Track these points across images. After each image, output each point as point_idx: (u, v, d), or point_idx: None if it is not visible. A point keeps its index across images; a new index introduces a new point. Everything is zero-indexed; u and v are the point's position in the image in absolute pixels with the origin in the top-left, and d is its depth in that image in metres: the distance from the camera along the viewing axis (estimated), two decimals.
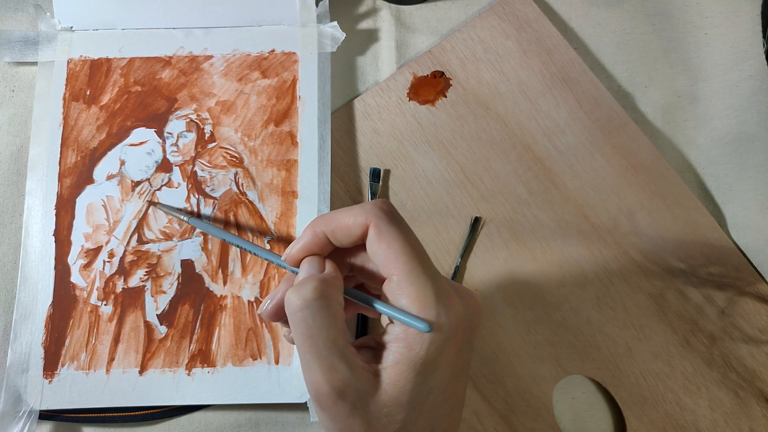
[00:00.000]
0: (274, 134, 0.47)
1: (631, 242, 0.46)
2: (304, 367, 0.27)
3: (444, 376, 0.28)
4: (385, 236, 0.28)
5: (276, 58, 0.49)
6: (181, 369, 0.43)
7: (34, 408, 0.42)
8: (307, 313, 0.27)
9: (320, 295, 0.28)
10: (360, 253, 0.31)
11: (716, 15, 0.50)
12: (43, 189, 0.46)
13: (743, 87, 0.49)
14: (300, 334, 0.27)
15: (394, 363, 0.27)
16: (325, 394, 0.27)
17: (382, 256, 0.28)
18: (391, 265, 0.28)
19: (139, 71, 0.48)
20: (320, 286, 0.28)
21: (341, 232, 0.29)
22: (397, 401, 0.27)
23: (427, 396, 0.28)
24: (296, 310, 0.27)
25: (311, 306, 0.27)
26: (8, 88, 0.49)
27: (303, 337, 0.27)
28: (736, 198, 0.48)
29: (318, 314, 0.27)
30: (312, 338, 0.27)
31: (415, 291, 0.27)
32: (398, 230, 0.28)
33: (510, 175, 0.47)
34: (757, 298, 0.45)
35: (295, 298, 0.28)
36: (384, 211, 0.29)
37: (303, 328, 0.27)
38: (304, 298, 0.27)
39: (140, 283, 0.45)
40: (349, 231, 0.29)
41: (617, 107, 0.48)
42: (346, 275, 0.32)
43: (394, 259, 0.28)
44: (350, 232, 0.29)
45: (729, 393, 0.44)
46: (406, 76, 0.49)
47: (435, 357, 0.27)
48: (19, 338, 0.43)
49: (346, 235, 0.29)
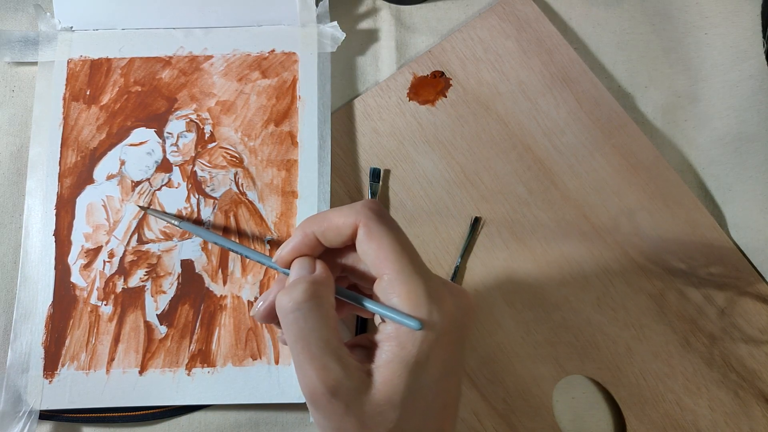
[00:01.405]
0: (274, 134, 0.47)
1: (631, 242, 0.46)
2: (298, 367, 0.27)
3: (436, 373, 0.28)
4: (375, 236, 0.28)
5: (276, 58, 0.49)
6: (181, 369, 0.43)
7: (35, 408, 0.42)
8: (298, 315, 0.27)
9: (311, 296, 0.28)
10: (351, 254, 0.31)
11: (716, 15, 0.50)
12: (43, 189, 0.46)
13: (743, 87, 0.49)
14: (292, 335, 0.27)
15: (386, 362, 0.27)
16: (319, 394, 0.27)
17: (372, 256, 0.28)
18: (381, 265, 0.28)
19: (139, 71, 0.48)
20: (311, 288, 0.28)
21: (331, 233, 0.29)
22: (390, 400, 0.27)
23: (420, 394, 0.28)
24: (287, 312, 0.27)
25: (302, 307, 0.27)
26: (8, 88, 0.49)
27: (295, 339, 0.27)
28: (736, 198, 0.48)
29: (309, 315, 0.27)
30: (304, 339, 0.27)
31: (406, 289, 0.27)
32: (388, 230, 0.28)
33: (510, 175, 0.47)
34: (757, 298, 0.45)
35: (286, 301, 0.28)
36: (373, 211, 0.29)
37: (295, 329, 0.27)
38: (294, 300, 0.27)
39: (140, 283, 0.45)
40: (339, 231, 0.29)
41: (617, 107, 0.48)
42: (338, 276, 0.32)
43: (384, 258, 0.28)
44: (340, 232, 0.29)
45: (729, 393, 0.44)
46: (406, 76, 0.49)
47: (427, 355, 0.27)
48: (19, 338, 0.43)
49: (336, 235, 0.29)
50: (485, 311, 0.45)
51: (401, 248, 0.28)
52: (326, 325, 0.28)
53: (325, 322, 0.28)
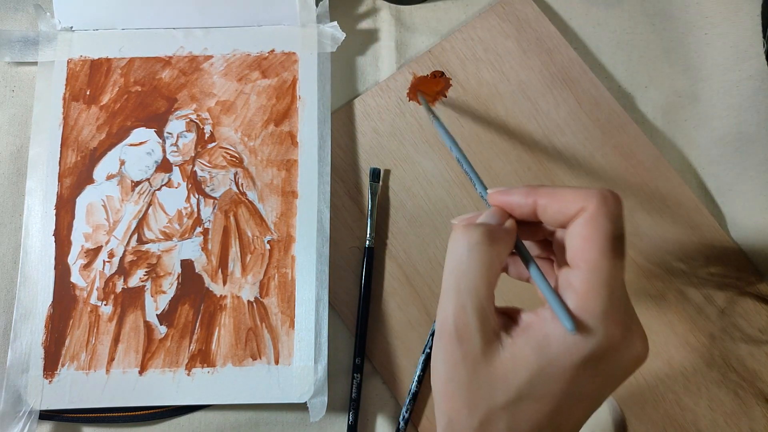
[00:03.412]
0: (274, 134, 0.47)
1: (631, 242, 0.46)
2: (442, 295, 0.28)
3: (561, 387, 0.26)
4: (597, 226, 0.26)
5: (276, 58, 0.49)
6: (181, 369, 0.43)
7: (34, 408, 0.42)
8: (464, 252, 0.27)
9: (485, 240, 0.27)
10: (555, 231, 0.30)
11: (716, 15, 0.50)
12: (43, 189, 0.46)
13: (743, 87, 0.49)
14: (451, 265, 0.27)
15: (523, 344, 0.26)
16: (447, 331, 0.27)
17: (579, 242, 0.26)
18: (582, 256, 0.26)
19: (139, 71, 0.48)
20: (490, 236, 0.27)
21: (555, 207, 0.28)
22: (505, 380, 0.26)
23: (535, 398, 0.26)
24: (459, 243, 0.27)
25: (473, 247, 0.27)
26: (8, 88, 0.49)
27: (451, 270, 0.27)
28: (736, 198, 0.48)
29: (475, 258, 0.27)
30: (460, 275, 0.27)
31: (587, 290, 0.26)
32: (613, 230, 0.26)
33: (510, 176, 0.47)
34: (758, 298, 0.45)
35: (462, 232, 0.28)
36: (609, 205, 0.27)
37: (456, 261, 0.27)
38: (468, 238, 0.27)
39: (140, 283, 0.45)
40: (566, 208, 0.27)
41: (617, 107, 0.48)
42: None
43: (588, 251, 0.26)
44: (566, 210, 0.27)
45: (729, 393, 0.44)
46: (406, 76, 0.49)
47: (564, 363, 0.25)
48: (19, 338, 0.43)
49: (558, 211, 0.27)
50: None
51: (612, 255, 0.26)
52: (484, 275, 0.27)
53: (485, 273, 0.27)
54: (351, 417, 0.43)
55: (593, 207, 0.26)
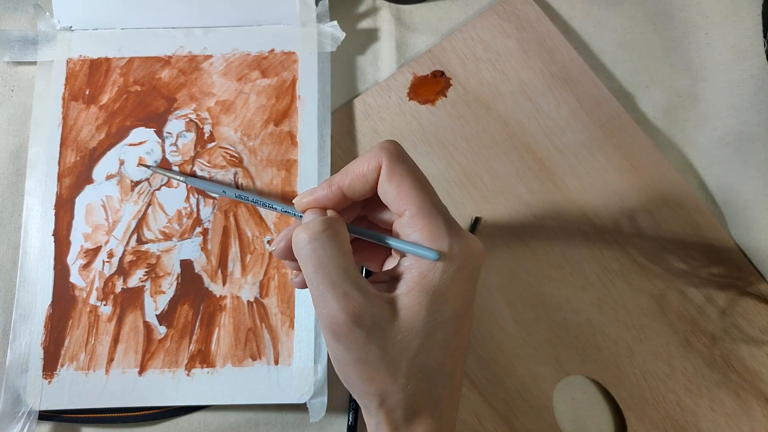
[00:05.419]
0: (274, 134, 0.47)
1: (632, 242, 0.46)
2: (318, 299, 0.28)
3: (454, 307, 0.29)
4: (396, 175, 0.29)
5: (276, 57, 0.48)
6: (181, 369, 0.43)
7: (34, 408, 0.42)
8: (316, 245, 0.28)
9: (327, 227, 0.28)
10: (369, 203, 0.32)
11: (717, 15, 0.50)
12: (43, 189, 0.46)
13: (744, 87, 0.49)
14: (311, 266, 0.28)
15: (407, 290, 0.28)
16: (341, 323, 0.27)
17: (393, 194, 0.29)
18: (402, 202, 0.29)
19: (139, 71, 0.48)
20: (326, 221, 0.29)
21: (358, 182, 0.30)
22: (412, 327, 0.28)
23: (441, 326, 0.28)
24: (305, 244, 0.28)
25: (320, 237, 0.28)
26: (7, 88, 0.49)
27: (314, 269, 0.28)
28: (737, 198, 0.47)
29: (327, 244, 0.28)
30: (324, 268, 0.27)
31: (427, 224, 0.28)
32: (408, 168, 0.29)
33: (511, 176, 0.47)
34: (758, 298, 0.45)
35: (303, 232, 0.28)
36: (392, 151, 0.29)
37: (314, 259, 0.28)
38: (312, 230, 0.28)
39: (139, 284, 0.44)
40: (366, 178, 0.30)
41: (618, 107, 0.48)
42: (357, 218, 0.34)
43: (405, 196, 0.29)
44: (367, 179, 0.30)
45: (730, 393, 0.44)
46: (406, 75, 0.49)
47: (447, 285, 0.28)
48: (18, 338, 0.43)
49: (362, 183, 0.30)
50: (485, 312, 0.45)
51: (421, 186, 0.29)
52: (344, 254, 0.28)
53: (343, 252, 0.28)
54: (351, 417, 0.43)
55: (385, 159, 0.29)
